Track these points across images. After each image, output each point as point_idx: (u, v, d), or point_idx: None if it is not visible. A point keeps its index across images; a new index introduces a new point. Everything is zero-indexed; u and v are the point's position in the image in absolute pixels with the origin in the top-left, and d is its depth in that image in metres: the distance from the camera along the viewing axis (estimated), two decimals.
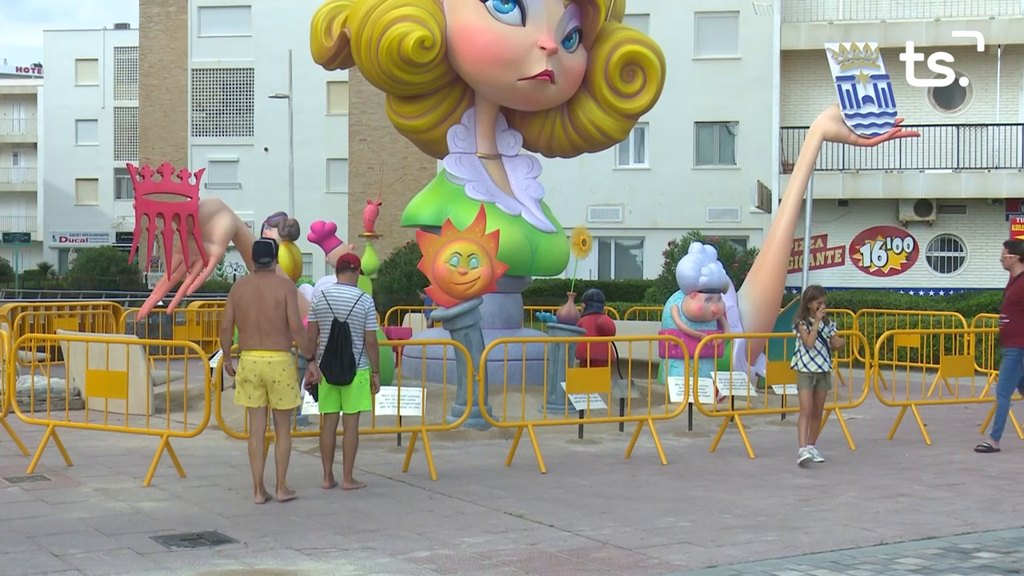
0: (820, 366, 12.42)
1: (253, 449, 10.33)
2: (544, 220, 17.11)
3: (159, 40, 60.24)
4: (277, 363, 10.20)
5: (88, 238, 68.22)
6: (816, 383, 12.46)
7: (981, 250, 32.95)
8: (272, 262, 10.43)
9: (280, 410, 10.31)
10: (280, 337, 10.22)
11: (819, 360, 12.42)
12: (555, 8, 16.42)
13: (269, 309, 10.17)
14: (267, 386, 10.21)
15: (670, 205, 38.48)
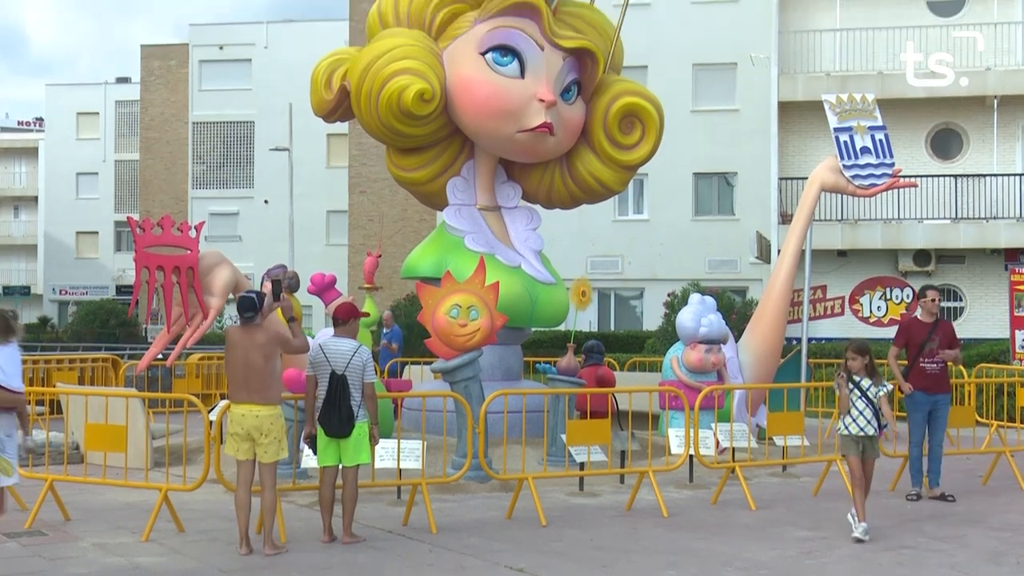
0: (862, 428, 11.24)
1: (239, 500, 10.33)
2: (544, 271, 17.11)
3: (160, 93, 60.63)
4: (264, 416, 10.19)
5: (88, 291, 68.25)
6: (863, 449, 11.27)
7: (981, 300, 32.96)
8: (256, 316, 10.39)
9: (265, 463, 10.29)
10: (267, 391, 10.23)
11: (861, 422, 11.25)
12: (554, 61, 16.50)
13: (256, 364, 10.18)
14: (254, 439, 10.20)
15: (669, 256, 38.52)
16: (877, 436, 11.36)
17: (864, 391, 11.26)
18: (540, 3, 16.49)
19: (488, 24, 16.50)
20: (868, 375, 11.35)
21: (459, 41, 16.59)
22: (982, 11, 33.26)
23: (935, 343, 13.70)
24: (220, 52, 55.97)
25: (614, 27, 17.79)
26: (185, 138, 57.80)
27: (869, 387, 11.27)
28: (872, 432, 11.25)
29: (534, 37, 16.41)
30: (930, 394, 13.67)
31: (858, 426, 11.25)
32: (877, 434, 11.34)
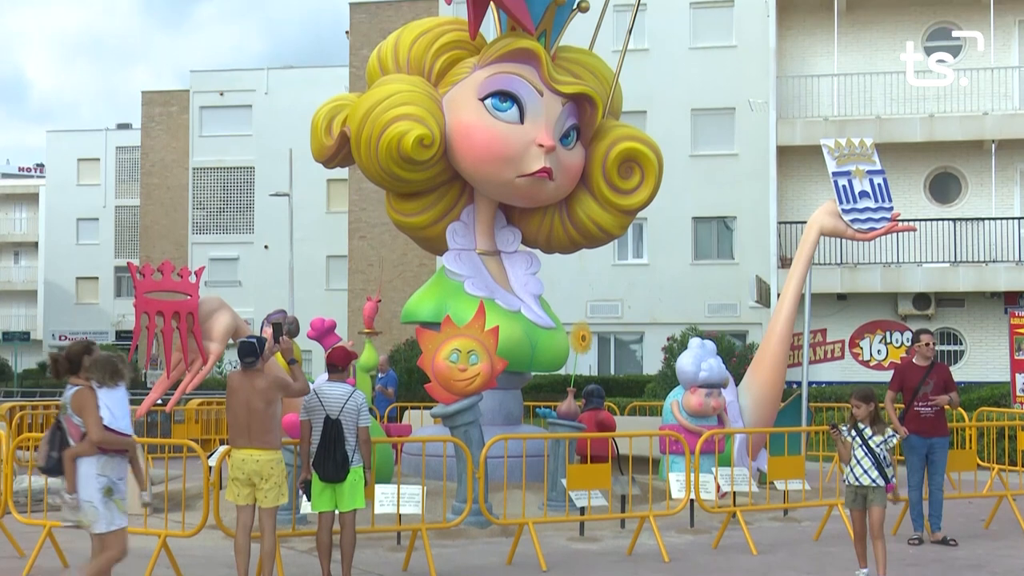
0: (858, 478, 11.01)
1: (239, 545, 10.32)
2: (543, 316, 17.12)
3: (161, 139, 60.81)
4: (265, 462, 10.18)
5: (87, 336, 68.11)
6: (866, 499, 11.02)
7: (981, 343, 32.93)
8: (257, 361, 10.39)
9: (265, 508, 10.27)
10: (268, 436, 10.23)
11: (858, 471, 11.03)
12: (553, 106, 16.58)
13: (257, 409, 10.18)
14: (255, 484, 10.18)
15: (669, 300, 38.53)
16: (880, 486, 11.05)
17: (865, 440, 11.09)
18: (539, 49, 16.59)
19: (487, 70, 16.59)
20: (871, 423, 11.17)
21: (459, 87, 16.68)
22: (979, 56, 33.42)
23: (930, 387, 13.69)
24: (221, 98, 56.19)
25: (613, 72, 17.89)
26: (185, 183, 57.93)
27: (871, 436, 11.09)
28: (869, 481, 10.99)
29: (533, 83, 16.49)
30: (926, 437, 13.64)
31: (854, 475, 11.06)
32: (879, 484, 11.03)
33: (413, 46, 17.04)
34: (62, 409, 9.15)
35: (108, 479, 9.01)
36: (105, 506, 8.99)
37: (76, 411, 8.96)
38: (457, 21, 17.65)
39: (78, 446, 8.95)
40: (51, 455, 9.06)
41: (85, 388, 9.01)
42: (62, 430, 9.08)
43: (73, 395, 9.02)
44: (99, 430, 8.87)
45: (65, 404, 9.10)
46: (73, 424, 8.99)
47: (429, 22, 17.88)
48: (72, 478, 8.93)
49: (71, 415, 9.00)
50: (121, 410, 9.10)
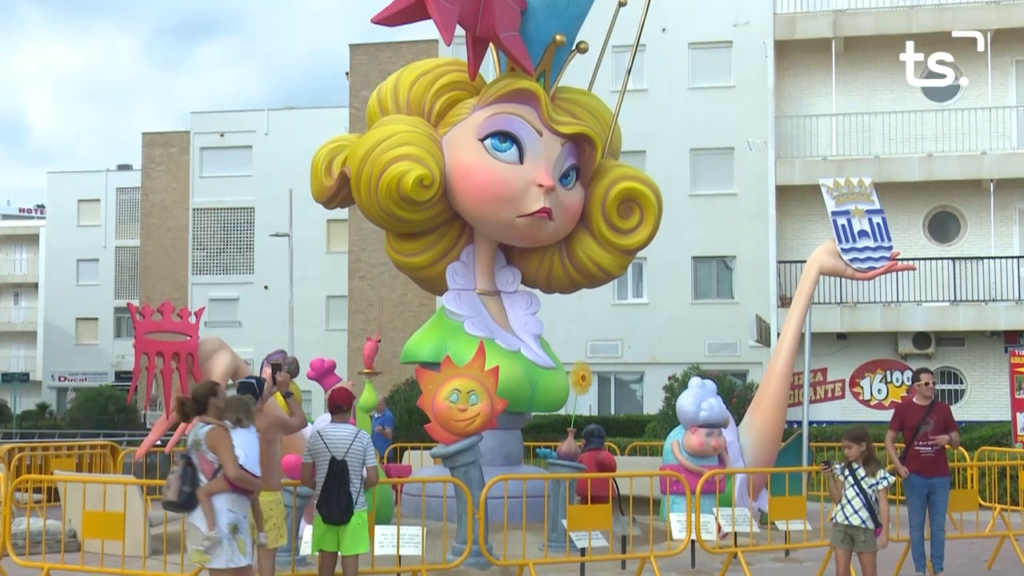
0: (847, 517, 10.91)
1: None
2: (543, 356, 17.11)
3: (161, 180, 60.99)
4: (264, 503, 10.15)
5: (87, 377, 68.11)
6: (853, 540, 10.91)
7: (981, 382, 32.88)
8: (256, 402, 10.40)
9: (265, 549, 10.22)
10: (267, 477, 10.19)
11: (847, 510, 10.91)
12: (552, 146, 16.62)
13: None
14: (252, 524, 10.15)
15: (669, 340, 38.50)
16: (870, 528, 10.94)
17: (858, 480, 10.97)
18: (538, 90, 16.65)
19: (487, 110, 16.65)
20: (864, 463, 11.06)
21: (458, 127, 16.73)
22: (977, 96, 33.55)
23: (930, 426, 13.64)
24: (221, 139, 56.37)
25: (612, 113, 17.95)
26: (186, 224, 58.04)
27: (864, 477, 10.98)
28: (859, 522, 10.90)
29: (532, 123, 16.54)
30: (926, 477, 13.58)
31: (844, 514, 10.97)
32: (868, 526, 10.93)
33: (413, 87, 17.11)
34: (194, 446, 9.48)
35: (235, 516, 9.36)
36: (229, 543, 9.32)
37: (211, 448, 9.35)
38: (457, 62, 17.73)
39: (213, 483, 9.32)
40: (183, 490, 9.36)
41: (219, 427, 9.44)
42: (193, 466, 9.42)
43: (208, 433, 9.41)
44: (235, 467, 9.27)
45: (199, 441, 9.44)
46: (207, 460, 9.35)
47: (429, 63, 17.97)
48: (211, 515, 9.27)
49: (205, 451, 9.37)
50: (252, 450, 9.54)
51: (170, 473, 9.56)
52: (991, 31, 32.25)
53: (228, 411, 9.57)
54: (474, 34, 16.03)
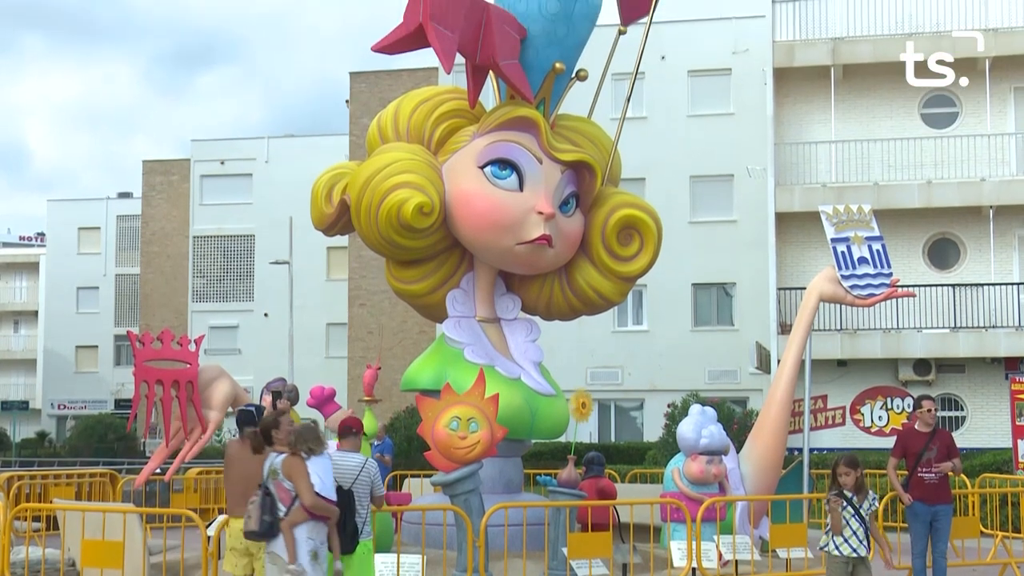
0: (854, 550, 10.71)
1: None
2: (543, 383, 17.09)
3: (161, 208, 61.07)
4: None
5: (87, 405, 68.03)
6: (852, 570, 10.74)
7: (981, 409, 32.85)
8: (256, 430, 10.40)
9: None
10: None
11: (853, 542, 10.72)
12: (552, 174, 16.64)
13: (256, 478, 10.13)
14: (252, 554, 10.11)
15: (669, 367, 38.50)
16: (865, 556, 10.84)
17: (857, 509, 10.84)
18: (538, 117, 16.69)
19: (487, 138, 16.67)
20: (857, 490, 10.91)
21: (458, 155, 16.75)
22: (975, 123, 33.63)
23: (933, 452, 13.62)
24: (221, 167, 56.48)
25: (612, 140, 17.99)
26: (186, 252, 58.09)
27: (862, 505, 10.87)
28: (864, 553, 10.78)
29: (532, 150, 16.57)
30: (930, 504, 13.55)
31: (850, 547, 10.78)
32: (867, 555, 10.83)
33: (413, 114, 17.14)
34: (271, 475, 9.74)
35: (315, 543, 9.59)
36: (312, 570, 9.57)
37: (287, 476, 9.59)
38: (456, 90, 17.77)
39: (294, 513, 9.58)
40: (263, 519, 9.59)
41: (295, 455, 9.68)
42: (271, 495, 9.66)
43: (284, 462, 9.67)
44: (311, 495, 9.50)
45: (276, 470, 9.71)
46: (284, 489, 9.60)
47: (429, 91, 18.00)
48: (292, 547, 9.52)
49: (282, 480, 9.63)
50: (327, 477, 9.75)
51: (249, 503, 9.74)
52: (989, 58, 32.37)
53: (299, 442, 9.75)
54: (474, 62, 16.07)
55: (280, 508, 9.57)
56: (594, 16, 16.97)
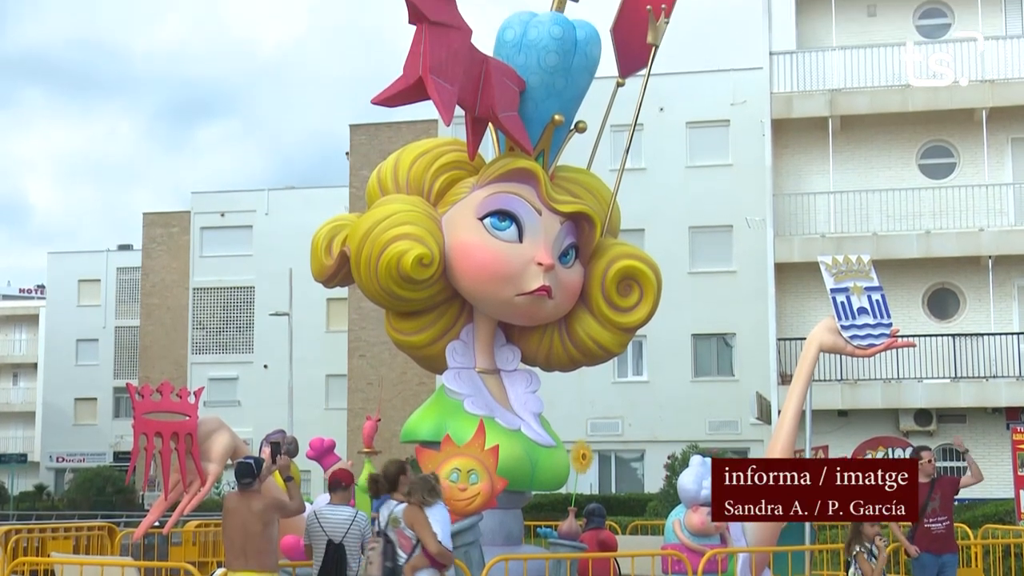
0: None
1: None
2: (544, 434, 17.03)
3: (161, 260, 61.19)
4: None
5: (85, 458, 67.85)
6: None
7: (983, 460, 32.59)
8: (254, 483, 10.35)
9: None
10: (265, 558, 10.13)
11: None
12: (552, 225, 16.66)
13: (254, 531, 10.09)
14: None
15: (669, 418, 38.43)
16: None
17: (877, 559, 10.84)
18: (537, 169, 16.73)
19: (486, 190, 16.71)
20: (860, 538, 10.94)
21: (458, 207, 16.78)
22: (973, 173, 33.75)
23: (936, 502, 13.57)
24: (221, 219, 56.66)
25: (611, 191, 18.03)
26: (185, 304, 58.14)
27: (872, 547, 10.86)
28: None
29: (532, 202, 16.60)
30: (937, 555, 13.49)
31: None
32: None
33: (413, 166, 17.18)
34: (391, 523, 10.17)
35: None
36: None
37: (409, 525, 10.04)
38: (456, 142, 17.83)
39: (416, 559, 9.97)
40: (385, 566, 10.01)
41: (415, 505, 10.15)
42: (391, 543, 10.08)
43: (405, 511, 10.14)
44: (436, 543, 9.95)
45: (397, 518, 10.15)
46: (405, 536, 10.03)
47: (428, 143, 18.06)
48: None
49: (403, 528, 10.06)
50: (445, 526, 10.20)
51: (368, 550, 10.14)
52: (987, 109, 32.53)
53: (414, 494, 10.20)
54: (473, 114, 16.14)
55: (400, 555, 9.95)
56: (593, 68, 17.05)
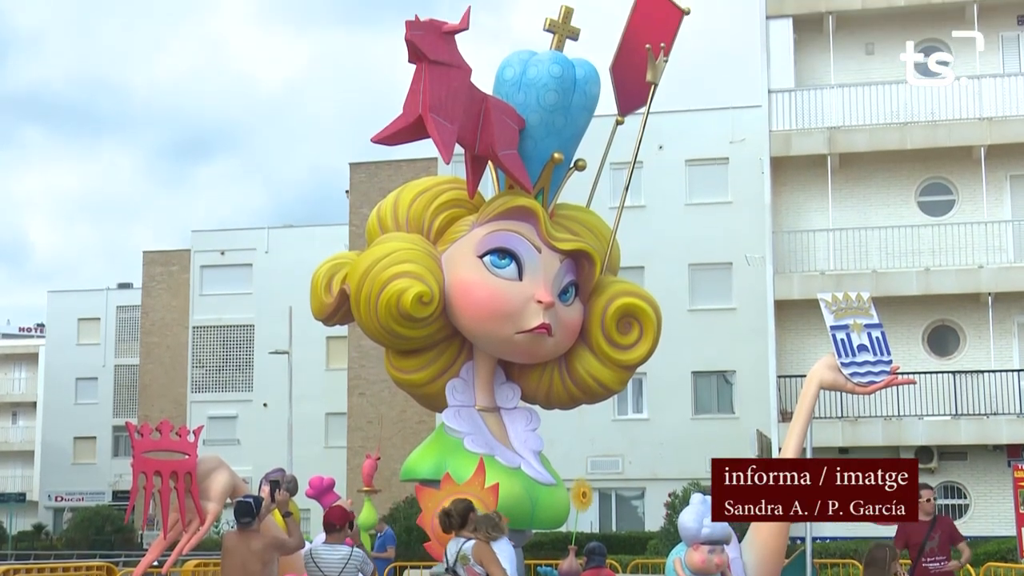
0: None
1: None
2: (544, 472, 16.98)
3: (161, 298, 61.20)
4: None
5: (84, 497, 67.64)
6: None
7: (985, 497, 32.65)
8: (253, 522, 10.33)
9: None
10: None
11: None
12: (551, 262, 16.67)
13: (253, 570, 10.10)
14: None
15: (670, 455, 38.34)
16: None
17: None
18: (536, 207, 16.75)
19: (486, 228, 16.72)
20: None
21: (457, 244, 16.78)
22: (972, 210, 33.81)
23: (935, 542, 13.52)
24: (221, 257, 56.72)
25: (610, 229, 18.04)
26: (185, 342, 58.11)
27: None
28: None
29: (531, 240, 16.61)
30: None
31: None
32: None
33: (412, 204, 17.19)
34: (460, 560, 10.40)
35: None
36: None
37: (479, 561, 10.25)
38: (456, 180, 17.85)
39: None
40: None
41: (483, 542, 10.43)
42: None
43: (475, 548, 10.37)
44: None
45: (466, 555, 10.37)
46: (474, 573, 10.24)
47: (428, 181, 18.08)
48: None
49: (473, 565, 10.28)
50: (511, 560, 10.60)
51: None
52: (985, 146, 32.62)
53: (480, 530, 10.46)
54: (473, 152, 16.18)
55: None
56: (592, 107, 17.10)
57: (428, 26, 14.96)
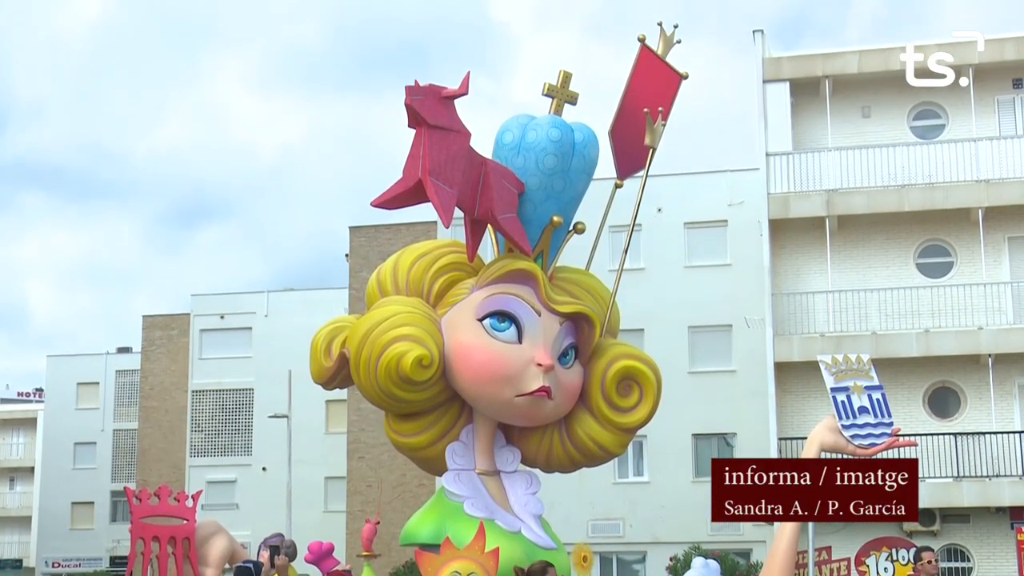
0: None
1: None
2: (544, 536, 16.89)
3: (160, 363, 61.11)
4: None
5: (82, 563, 67.18)
6: None
7: (988, 560, 32.46)
8: None
9: None
10: None
11: None
12: (551, 325, 16.67)
13: None
14: None
15: (671, 518, 38.14)
16: None
17: None
18: (536, 270, 16.78)
19: (485, 291, 16.74)
20: None
21: (457, 308, 16.79)
22: (971, 272, 33.88)
23: None
24: (221, 321, 56.68)
25: (610, 291, 18.06)
26: (184, 406, 57.94)
27: None
28: None
29: (531, 303, 16.62)
30: None
31: None
32: None
33: (412, 268, 17.23)
34: None
35: None
36: None
37: None
38: (455, 243, 17.89)
39: None
40: None
41: None
42: None
43: None
44: None
45: None
46: None
47: (428, 244, 18.12)
48: None
49: None
50: None
51: None
52: (983, 208, 32.75)
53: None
54: (472, 216, 16.23)
55: None
56: (591, 170, 17.18)
57: (428, 91, 15.06)
